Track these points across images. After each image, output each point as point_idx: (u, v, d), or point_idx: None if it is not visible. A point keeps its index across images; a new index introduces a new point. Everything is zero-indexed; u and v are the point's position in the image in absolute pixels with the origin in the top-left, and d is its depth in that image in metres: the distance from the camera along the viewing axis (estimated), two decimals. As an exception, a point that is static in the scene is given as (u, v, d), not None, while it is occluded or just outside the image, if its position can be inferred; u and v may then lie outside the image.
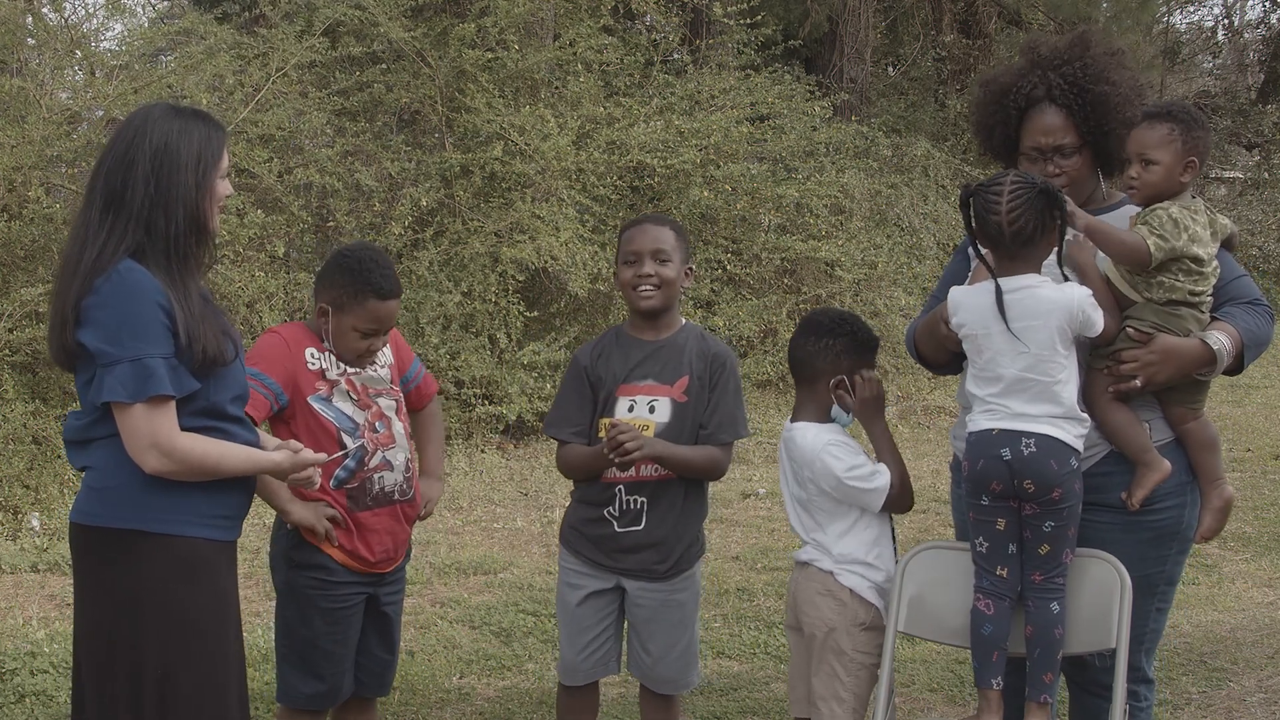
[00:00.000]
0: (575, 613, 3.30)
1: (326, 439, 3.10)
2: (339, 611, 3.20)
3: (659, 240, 3.20)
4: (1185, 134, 2.82)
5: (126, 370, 2.44)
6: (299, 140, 8.54)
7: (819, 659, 3.04)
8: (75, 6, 10.07)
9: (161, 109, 2.64)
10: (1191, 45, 20.90)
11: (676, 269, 3.21)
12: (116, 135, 2.61)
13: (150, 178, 2.53)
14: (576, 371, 3.31)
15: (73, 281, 2.51)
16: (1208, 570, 5.88)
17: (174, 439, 2.48)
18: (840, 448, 3.04)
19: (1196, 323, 2.83)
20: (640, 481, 3.19)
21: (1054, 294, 2.75)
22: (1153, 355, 2.79)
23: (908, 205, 11.35)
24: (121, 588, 2.54)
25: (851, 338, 3.11)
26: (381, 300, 3.13)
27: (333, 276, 3.16)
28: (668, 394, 3.20)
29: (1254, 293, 2.92)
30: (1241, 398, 10.72)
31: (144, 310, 2.46)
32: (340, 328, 3.14)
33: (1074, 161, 2.91)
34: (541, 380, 8.29)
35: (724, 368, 3.23)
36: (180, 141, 2.57)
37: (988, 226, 2.74)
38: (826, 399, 3.10)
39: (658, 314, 3.24)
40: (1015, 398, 2.76)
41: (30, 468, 6.39)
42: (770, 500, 7.32)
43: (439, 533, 6.61)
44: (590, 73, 9.38)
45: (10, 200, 6.98)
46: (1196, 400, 2.91)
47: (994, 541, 2.83)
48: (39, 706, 4.11)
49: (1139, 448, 2.83)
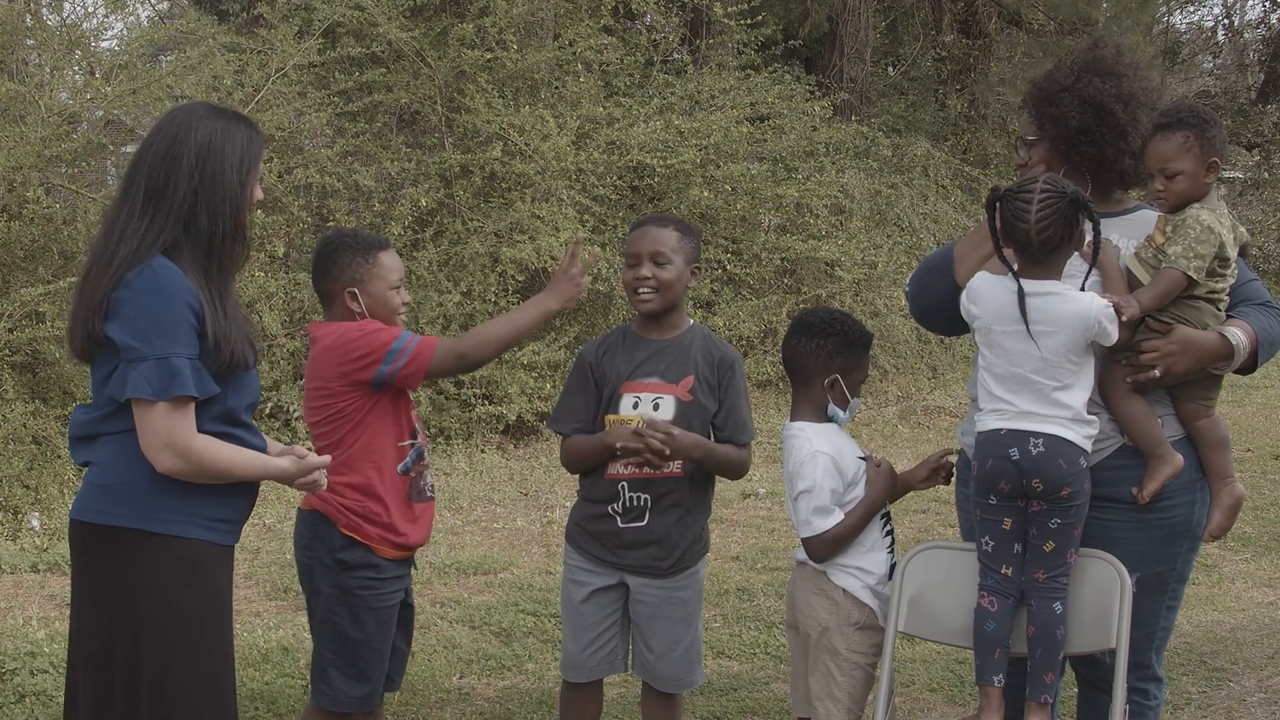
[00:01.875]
0: (580, 609, 3.31)
1: (406, 427, 3.18)
2: (389, 610, 3.21)
3: (657, 242, 3.20)
4: (1200, 137, 2.82)
5: (152, 368, 2.44)
6: (299, 141, 8.54)
7: (814, 658, 3.05)
8: (74, 6, 10.09)
9: (205, 108, 2.63)
10: (1191, 45, 20.92)
11: (677, 270, 3.21)
12: (158, 130, 2.60)
13: (195, 174, 2.53)
14: (581, 367, 3.32)
15: (105, 272, 2.50)
16: (1208, 570, 5.88)
17: (190, 440, 2.48)
18: (820, 466, 3.02)
19: (1214, 318, 2.85)
20: (645, 479, 3.20)
21: (1074, 305, 2.74)
22: (1172, 345, 2.80)
23: (908, 205, 11.36)
24: (120, 586, 2.53)
25: (842, 336, 3.10)
26: (387, 249, 3.25)
27: (335, 260, 3.20)
28: (672, 392, 3.21)
29: (1266, 295, 2.96)
30: (1241, 398, 10.73)
31: (174, 309, 2.46)
32: (376, 294, 3.19)
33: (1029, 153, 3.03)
34: (541, 380, 8.30)
35: (732, 371, 3.24)
36: (225, 141, 2.57)
37: (1016, 232, 2.75)
38: (822, 397, 3.10)
39: (658, 316, 3.25)
40: (1022, 396, 2.76)
41: (30, 468, 6.39)
42: (770, 500, 7.32)
43: (439, 533, 6.61)
44: (590, 73, 9.39)
45: (10, 200, 6.98)
46: (1210, 396, 2.92)
47: (1000, 540, 2.83)
48: (39, 706, 4.11)
49: (1153, 440, 2.84)
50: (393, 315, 3.23)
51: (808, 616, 3.07)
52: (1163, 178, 2.83)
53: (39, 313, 6.59)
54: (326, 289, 3.23)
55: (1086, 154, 2.95)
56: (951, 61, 15.35)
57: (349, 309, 3.18)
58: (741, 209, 9.65)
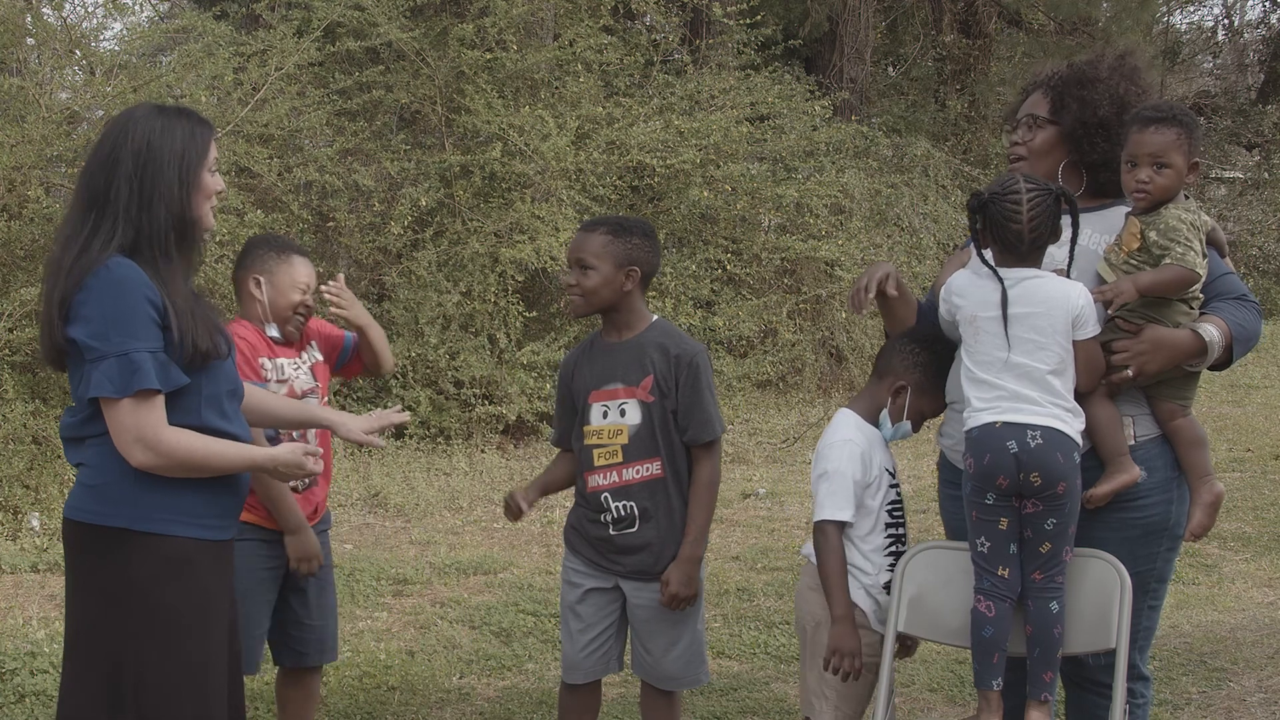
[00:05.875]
0: (576, 610, 3.32)
1: None
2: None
3: (581, 249, 3.23)
4: (1189, 136, 2.84)
5: (113, 365, 2.45)
6: (298, 140, 8.53)
7: (810, 654, 3.08)
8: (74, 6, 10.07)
9: (145, 109, 2.65)
10: (1191, 45, 20.91)
11: (602, 275, 3.19)
12: (101, 137, 2.63)
13: (134, 177, 2.55)
14: (560, 382, 3.41)
15: (57, 281, 2.53)
16: (1208, 570, 5.88)
17: (160, 433, 2.48)
18: (847, 454, 3.00)
19: (1185, 315, 2.85)
20: (625, 486, 3.21)
21: (1059, 286, 2.77)
22: (1144, 345, 2.81)
23: (908, 205, 11.35)
24: (108, 584, 2.54)
25: (937, 358, 3.07)
26: (304, 255, 3.50)
27: (251, 253, 3.47)
28: (634, 395, 3.21)
29: (1241, 289, 2.94)
30: (1241, 398, 10.73)
31: (132, 304, 2.47)
32: (280, 287, 3.40)
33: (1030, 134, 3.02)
34: (541, 380, 8.29)
35: (688, 366, 3.20)
36: (163, 140, 2.58)
37: (1007, 233, 2.76)
38: (883, 400, 3.09)
39: (585, 317, 3.38)
40: (1014, 381, 2.76)
41: (30, 468, 6.39)
42: (770, 500, 7.32)
43: (439, 533, 6.62)
44: (590, 73, 9.37)
45: (10, 200, 6.98)
46: (1186, 395, 2.92)
47: (996, 541, 2.82)
48: (39, 706, 4.11)
49: (1116, 448, 2.84)
50: (289, 310, 3.41)
51: (804, 612, 3.10)
52: (1150, 169, 2.82)
53: (39, 312, 6.57)
54: (239, 277, 3.47)
55: (1099, 147, 2.96)
56: (951, 61, 15.35)
57: (252, 296, 3.40)
58: (741, 209, 9.64)
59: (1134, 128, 2.86)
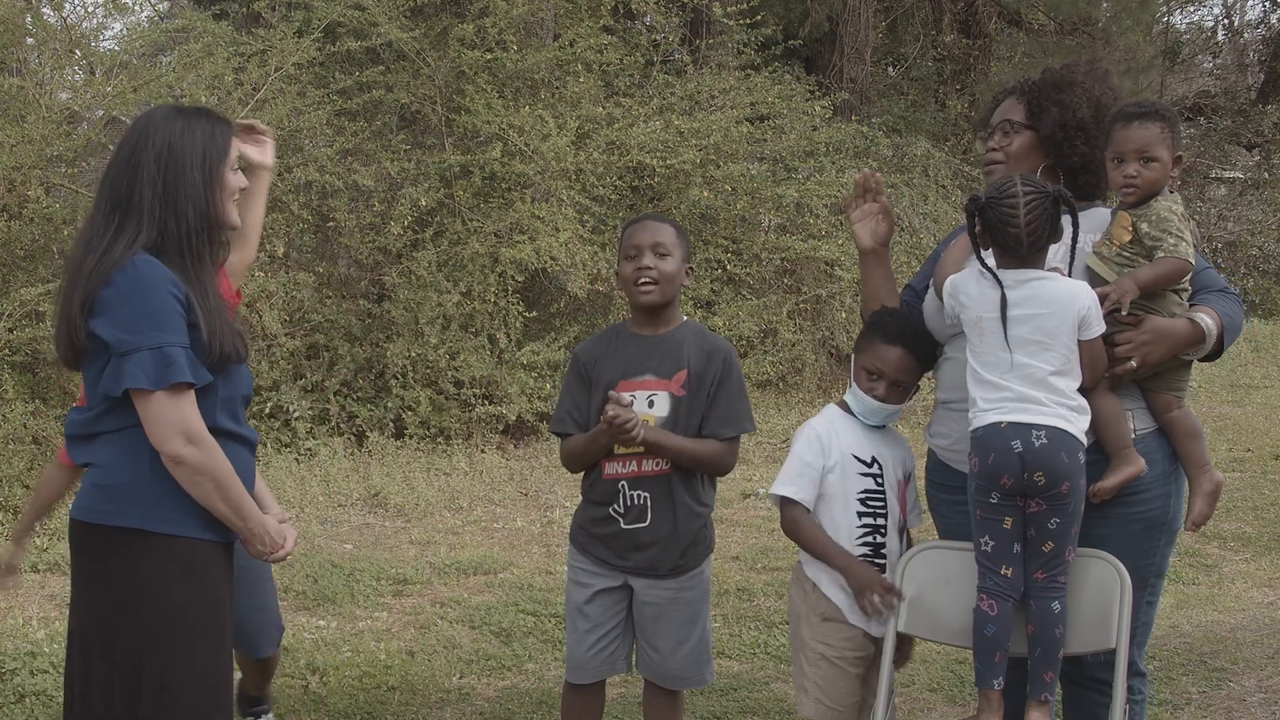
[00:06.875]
0: (584, 610, 3.31)
1: None
2: None
3: (658, 235, 3.22)
4: (1172, 130, 2.90)
5: (146, 357, 2.45)
6: (299, 140, 8.53)
7: (793, 647, 3.15)
8: (74, 6, 10.08)
9: (164, 111, 2.67)
10: (1191, 45, 20.91)
11: (676, 265, 3.23)
12: (122, 141, 2.64)
13: (157, 179, 2.57)
14: (576, 368, 3.33)
15: (78, 282, 2.53)
16: (1208, 570, 5.88)
17: (203, 429, 2.50)
18: (804, 438, 3.12)
19: (1179, 306, 2.89)
20: (641, 476, 3.21)
21: (1066, 287, 2.78)
22: (1146, 335, 2.84)
23: (908, 205, 11.35)
24: (121, 585, 2.54)
25: (869, 324, 3.14)
26: None
27: None
28: (666, 388, 3.21)
29: (1222, 282, 3.01)
30: (1241, 398, 10.73)
31: (161, 299, 2.48)
32: None
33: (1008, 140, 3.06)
34: (541, 380, 8.29)
35: (724, 363, 3.24)
36: (184, 141, 2.60)
37: (1005, 237, 2.77)
38: (860, 381, 3.12)
39: (657, 309, 3.25)
40: (1019, 382, 2.76)
41: (30, 468, 6.38)
42: (770, 500, 7.32)
43: (439, 533, 6.62)
44: (590, 73, 9.37)
45: (10, 200, 6.98)
46: (1180, 386, 2.96)
47: (999, 540, 2.82)
48: (39, 706, 4.11)
49: (1121, 441, 2.86)
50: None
51: (788, 605, 3.17)
52: (1138, 163, 2.86)
53: (39, 312, 6.58)
54: None
55: (1079, 150, 3.00)
56: (951, 61, 15.36)
57: None
58: (741, 209, 9.64)
59: (1117, 125, 2.89)
